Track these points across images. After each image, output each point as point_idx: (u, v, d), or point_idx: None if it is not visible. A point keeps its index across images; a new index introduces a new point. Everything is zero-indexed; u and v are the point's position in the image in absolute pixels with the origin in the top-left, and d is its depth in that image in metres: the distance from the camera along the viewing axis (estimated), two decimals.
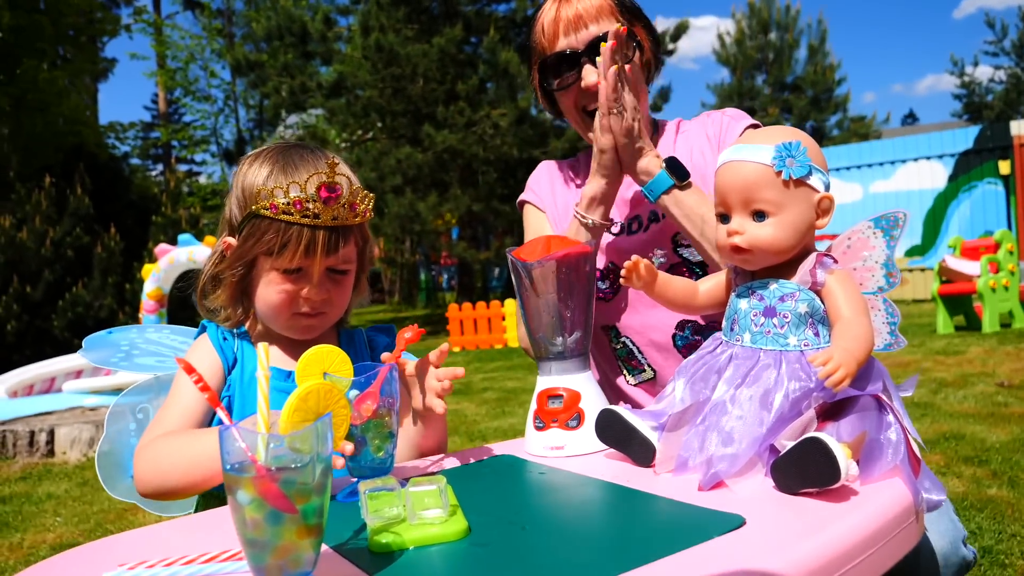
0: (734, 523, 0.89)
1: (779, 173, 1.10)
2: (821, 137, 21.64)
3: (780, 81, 22.29)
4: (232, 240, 1.37)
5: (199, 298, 1.41)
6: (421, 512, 0.96)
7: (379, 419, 1.17)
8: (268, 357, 0.86)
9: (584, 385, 1.31)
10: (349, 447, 1.10)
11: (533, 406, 1.34)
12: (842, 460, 0.93)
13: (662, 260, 1.67)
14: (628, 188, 1.71)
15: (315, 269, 1.31)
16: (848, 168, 14.44)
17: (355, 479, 1.19)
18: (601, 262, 1.72)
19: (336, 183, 1.28)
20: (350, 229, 1.33)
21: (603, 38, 1.56)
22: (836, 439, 1.00)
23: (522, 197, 1.89)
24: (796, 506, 0.95)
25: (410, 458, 1.38)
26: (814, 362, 1.00)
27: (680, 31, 16.35)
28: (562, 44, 1.68)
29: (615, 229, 1.67)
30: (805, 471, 0.96)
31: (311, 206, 1.26)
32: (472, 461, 1.32)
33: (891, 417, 1.04)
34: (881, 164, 14.19)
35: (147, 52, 26.23)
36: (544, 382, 1.33)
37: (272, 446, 0.77)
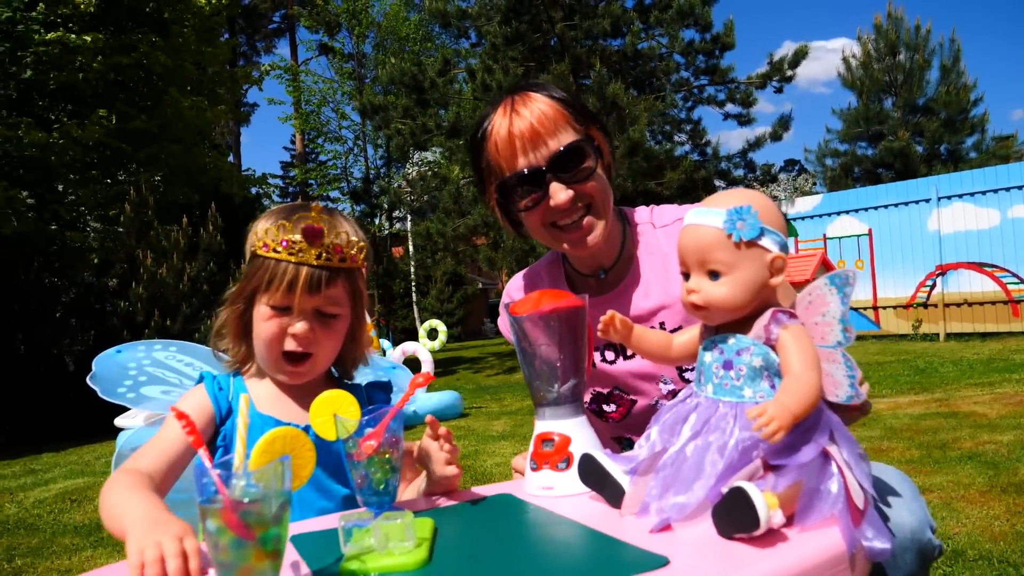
0: (657, 563, 0.97)
1: (730, 236, 1.17)
2: (957, 160, 20.46)
3: (911, 104, 21.27)
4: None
5: (214, 339, 1.59)
6: (390, 543, 1.08)
7: (381, 456, 1.30)
8: (248, 408, 1.01)
9: (575, 430, 1.40)
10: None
11: (530, 449, 1.44)
12: (762, 508, 0.99)
13: (671, 387, 1.72)
14: (623, 303, 1.74)
15: (299, 305, 1.46)
16: (984, 193, 13.60)
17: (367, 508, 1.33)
18: (607, 387, 1.79)
19: (318, 225, 1.43)
20: (336, 272, 1.47)
21: (565, 152, 1.58)
22: (772, 488, 1.06)
23: (500, 324, 1.90)
24: (726, 549, 1.02)
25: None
26: (749, 415, 1.06)
27: (799, 56, 15.98)
28: (523, 163, 1.61)
29: (610, 356, 1.75)
30: (733, 517, 1.02)
31: (297, 245, 1.43)
32: (473, 499, 1.43)
33: (834, 468, 1.08)
34: (1020, 188, 13.30)
35: (284, 97, 27.93)
36: (540, 426, 1.43)
37: (236, 482, 0.92)
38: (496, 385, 12.56)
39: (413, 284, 26.77)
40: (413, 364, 10.14)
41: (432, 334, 11.44)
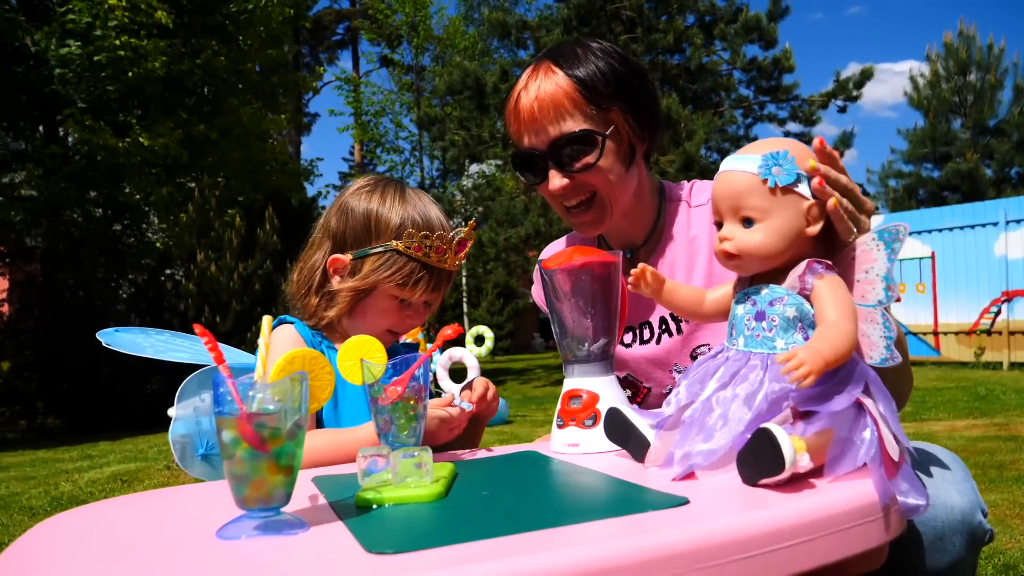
0: (676, 502, 0.94)
1: (765, 181, 1.14)
2: None
3: (980, 124, 20.63)
4: (343, 258, 1.58)
5: (299, 300, 1.65)
6: (406, 477, 1.08)
7: (406, 402, 1.30)
8: (270, 328, 1.02)
9: (604, 388, 1.38)
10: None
11: (557, 406, 1.42)
12: (787, 450, 0.96)
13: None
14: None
15: (435, 302, 1.63)
16: None
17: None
18: (620, 372, 1.75)
19: (470, 239, 1.58)
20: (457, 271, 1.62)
21: (562, 142, 1.52)
22: (800, 434, 1.02)
23: (534, 292, 1.95)
24: (748, 492, 0.99)
25: None
26: (777, 360, 1.02)
27: (865, 76, 15.69)
28: (526, 142, 1.58)
29: (627, 339, 1.72)
30: (758, 461, 0.99)
31: (447, 256, 1.56)
32: (496, 454, 1.42)
33: (868, 419, 1.04)
34: None
35: (344, 108, 28.38)
36: (568, 383, 1.41)
37: (252, 394, 0.92)
38: (543, 396, 12.50)
39: (464, 294, 26.90)
40: (460, 371, 10.16)
41: (479, 340, 11.44)
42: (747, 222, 1.17)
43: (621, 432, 1.24)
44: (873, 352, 1.14)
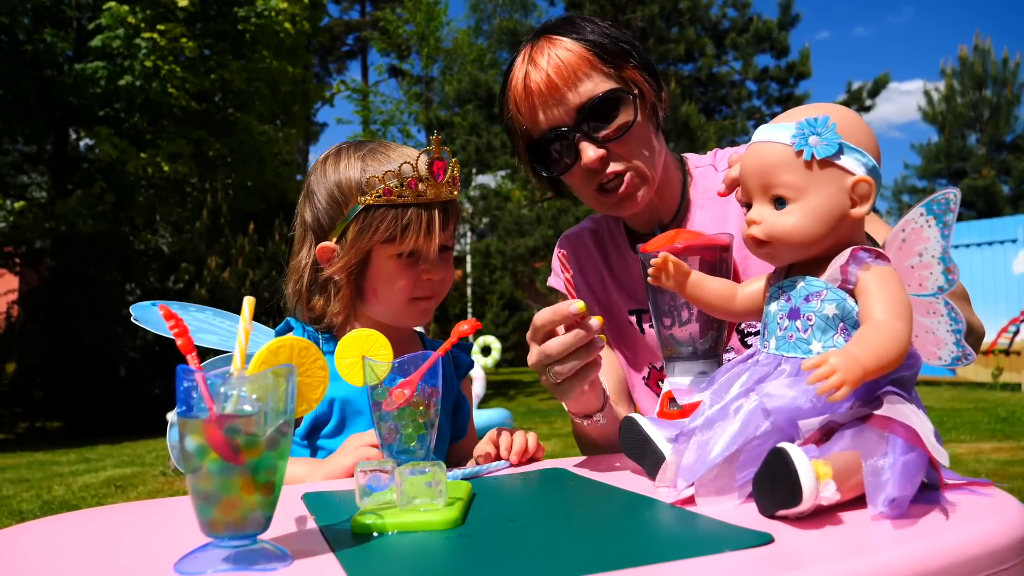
0: (759, 540, 0.74)
1: (799, 153, 0.95)
2: None
3: (996, 140, 20.41)
4: (329, 244, 1.38)
5: (302, 306, 1.43)
6: (414, 498, 0.88)
7: (414, 407, 1.11)
8: (252, 311, 0.83)
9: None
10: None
11: (656, 408, 1.27)
12: (806, 476, 0.77)
13: (732, 356, 1.49)
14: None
15: (433, 248, 1.34)
16: None
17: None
18: (645, 372, 1.60)
19: (443, 157, 1.32)
20: (454, 203, 1.36)
21: (591, 106, 1.35)
22: (820, 456, 0.83)
23: (550, 282, 1.72)
24: (842, 529, 0.78)
25: None
26: (804, 366, 0.83)
27: (879, 86, 15.50)
28: (544, 121, 1.39)
29: (667, 323, 1.54)
30: (774, 488, 0.80)
31: (422, 186, 1.30)
32: (517, 472, 1.23)
33: (896, 436, 0.84)
34: None
35: (353, 117, 28.31)
36: (668, 383, 1.25)
37: (225, 391, 0.73)
38: (548, 409, 12.28)
39: (469, 305, 26.70)
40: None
41: (486, 351, 11.25)
42: (779, 202, 0.97)
43: (636, 444, 1.05)
44: (942, 351, 0.94)
